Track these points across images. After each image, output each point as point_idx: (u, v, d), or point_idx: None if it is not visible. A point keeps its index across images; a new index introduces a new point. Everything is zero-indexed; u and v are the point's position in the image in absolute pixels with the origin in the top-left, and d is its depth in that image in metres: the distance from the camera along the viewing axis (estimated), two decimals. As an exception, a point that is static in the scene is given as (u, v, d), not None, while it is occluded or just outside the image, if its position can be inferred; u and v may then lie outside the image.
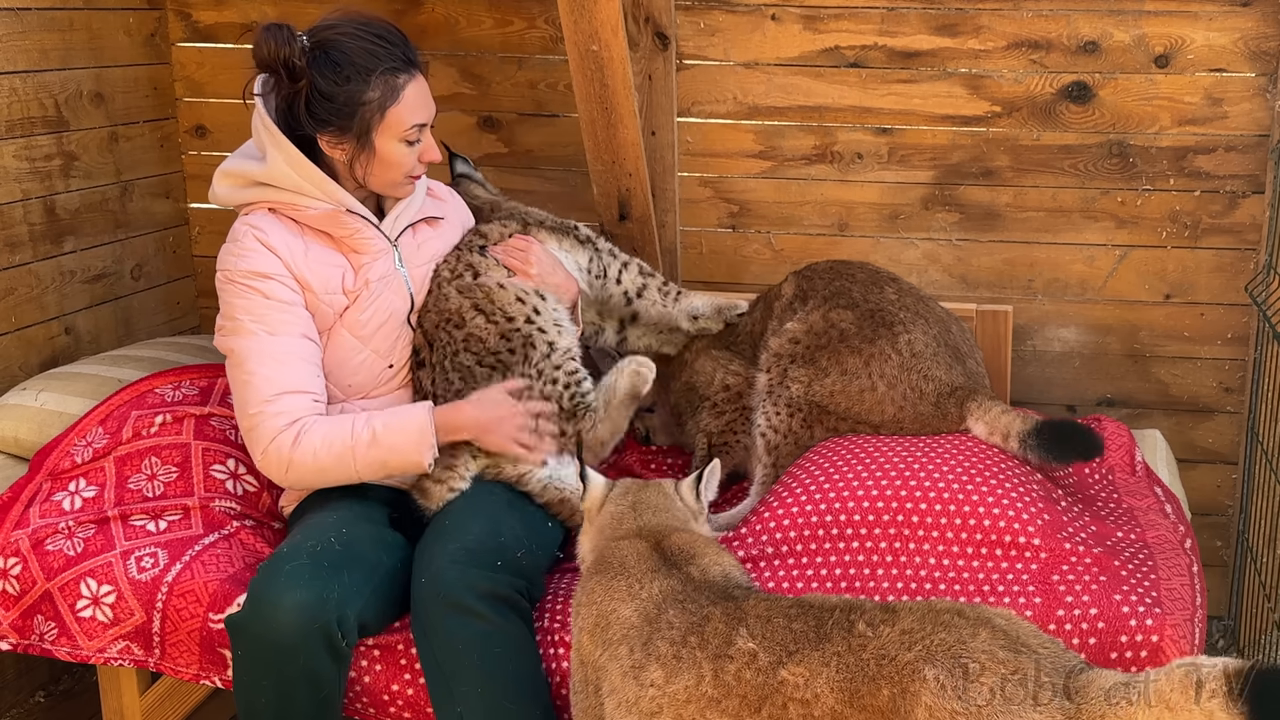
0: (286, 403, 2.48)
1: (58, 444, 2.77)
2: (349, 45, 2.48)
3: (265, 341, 2.50)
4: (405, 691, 2.43)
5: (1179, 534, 2.60)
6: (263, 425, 2.47)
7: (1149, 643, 2.22)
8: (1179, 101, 3.19)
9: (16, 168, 3.12)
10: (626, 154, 3.17)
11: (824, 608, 1.91)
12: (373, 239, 2.60)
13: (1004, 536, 2.42)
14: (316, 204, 2.55)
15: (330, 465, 2.47)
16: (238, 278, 2.52)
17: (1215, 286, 3.27)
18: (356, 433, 2.48)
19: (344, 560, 2.36)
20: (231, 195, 2.60)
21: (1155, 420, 3.35)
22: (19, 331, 3.15)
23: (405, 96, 2.51)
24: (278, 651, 2.27)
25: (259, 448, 2.48)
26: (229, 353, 2.54)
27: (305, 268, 2.55)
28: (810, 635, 1.87)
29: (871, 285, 2.86)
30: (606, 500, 2.28)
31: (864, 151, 3.34)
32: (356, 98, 2.48)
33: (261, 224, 2.55)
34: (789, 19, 3.29)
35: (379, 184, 2.59)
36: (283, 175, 2.53)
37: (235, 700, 2.35)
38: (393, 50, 2.51)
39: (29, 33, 3.14)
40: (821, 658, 1.83)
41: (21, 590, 2.59)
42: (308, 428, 2.47)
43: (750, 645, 1.89)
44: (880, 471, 2.54)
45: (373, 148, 2.52)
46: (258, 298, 2.51)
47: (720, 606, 1.97)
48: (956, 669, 1.75)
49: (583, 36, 2.95)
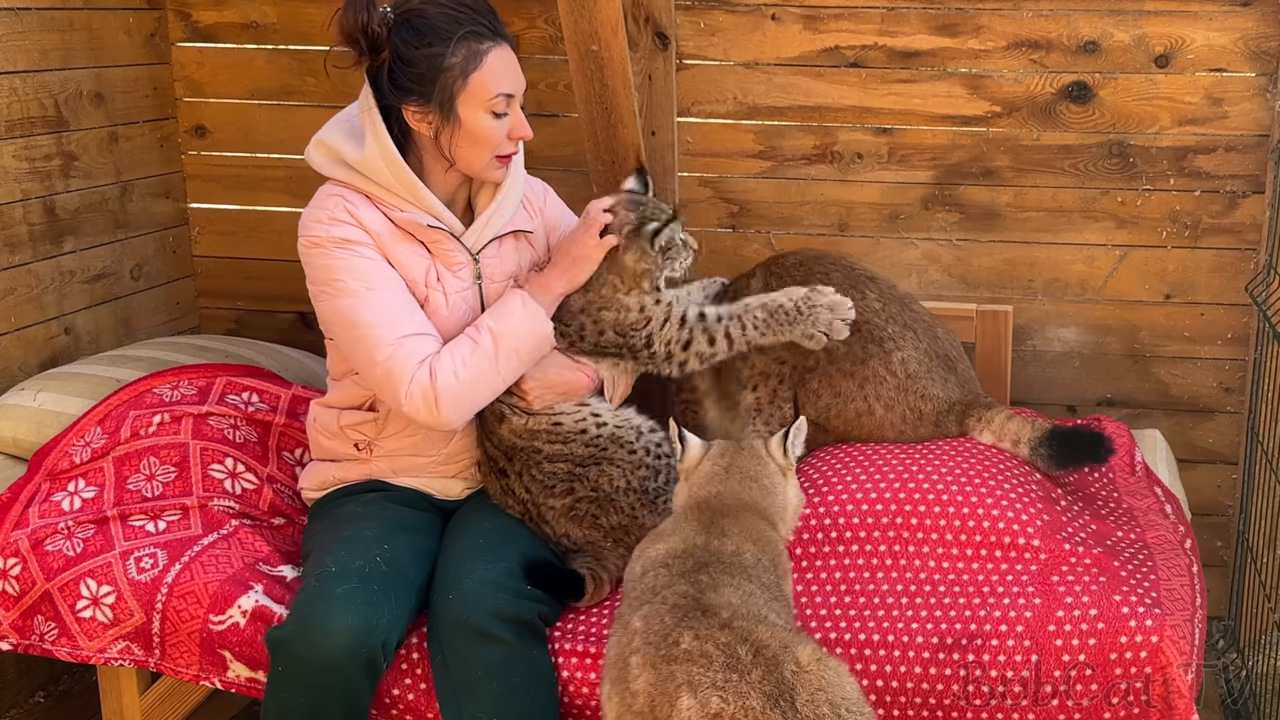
0: (412, 344, 2.44)
1: (56, 444, 2.77)
2: (431, 11, 2.43)
3: (371, 297, 2.45)
4: (405, 697, 2.43)
5: (1179, 534, 2.60)
6: (396, 369, 2.42)
7: (1148, 643, 2.22)
8: (1179, 101, 3.18)
9: (16, 168, 3.12)
10: (627, 154, 3.17)
11: (708, 619, 1.94)
12: (453, 251, 2.55)
13: (1003, 538, 2.42)
14: (406, 208, 2.50)
15: (474, 377, 2.44)
16: (328, 242, 2.47)
17: (1215, 286, 3.27)
18: (478, 338, 2.46)
19: (390, 583, 2.35)
20: (325, 166, 2.54)
21: (1155, 420, 3.35)
22: (18, 331, 3.15)
23: (489, 62, 2.43)
24: (320, 672, 2.26)
25: (400, 390, 2.42)
26: (335, 313, 2.48)
27: (390, 250, 2.50)
28: (657, 637, 1.93)
29: (851, 287, 2.74)
30: (703, 459, 2.30)
31: (864, 151, 3.34)
32: (438, 63, 2.41)
33: (354, 200, 2.50)
34: (789, 19, 3.29)
35: (467, 163, 2.51)
36: (377, 170, 2.48)
37: (264, 711, 2.34)
38: (476, 17, 2.45)
39: (29, 32, 3.14)
40: (649, 660, 1.91)
41: (21, 590, 2.59)
42: (435, 359, 2.44)
43: (636, 624, 1.98)
44: (879, 475, 2.54)
45: (457, 118, 2.45)
46: (353, 258, 2.46)
47: (687, 582, 2.02)
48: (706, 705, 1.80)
49: (583, 36, 2.95)
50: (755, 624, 1.90)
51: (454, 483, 2.69)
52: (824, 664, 1.85)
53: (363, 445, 2.65)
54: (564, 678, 2.38)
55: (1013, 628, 2.29)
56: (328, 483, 2.69)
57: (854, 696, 1.84)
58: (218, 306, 3.80)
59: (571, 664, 2.38)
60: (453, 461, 2.66)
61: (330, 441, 2.68)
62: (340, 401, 2.66)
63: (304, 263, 2.52)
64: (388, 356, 2.43)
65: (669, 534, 2.18)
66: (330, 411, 2.67)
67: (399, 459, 2.64)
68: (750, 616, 1.92)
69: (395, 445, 2.63)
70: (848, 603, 2.40)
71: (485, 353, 2.46)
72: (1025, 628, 2.28)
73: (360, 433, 2.64)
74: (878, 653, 2.31)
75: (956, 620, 2.32)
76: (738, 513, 2.20)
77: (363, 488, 2.64)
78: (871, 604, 2.39)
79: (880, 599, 2.39)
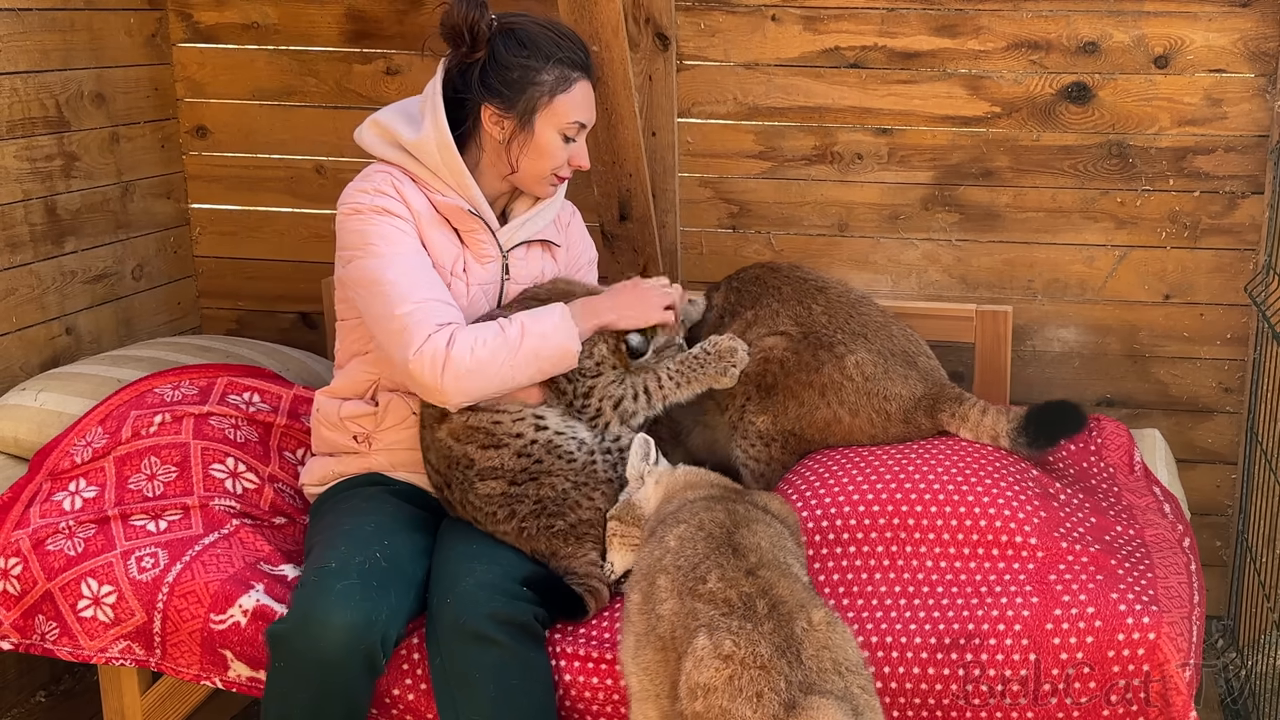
0: (433, 309, 2.45)
1: (57, 444, 2.77)
2: (535, 31, 2.56)
3: (400, 260, 2.48)
4: (405, 697, 2.43)
5: (1177, 533, 2.60)
6: (414, 324, 2.42)
7: (1146, 641, 2.22)
8: (1178, 102, 3.19)
9: (17, 168, 3.12)
10: (627, 154, 3.18)
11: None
12: (486, 243, 2.62)
13: (1000, 536, 2.42)
14: (448, 193, 2.58)
15: (487, 361, 2.43)
16: (367, 209, 2.52)
17: (1215, 287, 3.28)
18: (506, 328, 2.47)
19: (390, 579, 2.36)
20: (375, 146, 2.62)
21: (1155, 420, 3.35)
22: (19, 331, 3.15)
23: (575, 90, 2.57)
24: (320, 668, 2.27)
25: (411, 347, 2.41)
26: (360, 271, 2.49)
27: (426, 233, 2.56)
28: (688, 564, 2.06)
29: (798, 302, 2.78)
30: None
31: (864, 152, 3.34)
32: (531, 75, 2.53)
33: (400, 178, 2.57)
34: (789, 20, 3.30)
35: (526, 173, 2.60)
36: (428, 153, 2.56)
37: (264, 707, 2.34)
38: (574, 48, 2.58)
39: (30, 33, 3.14)
40: (676, 588, 2.04)
41: (22, 590, 2.59)
42: (458, 329, 2.44)
43: (670, 542, 2.14)
44: (875, 475, 2.54)
45: (532, 130, 2.55)
46: (390, 227, 2.51)
47: (724, 509, 2.18)
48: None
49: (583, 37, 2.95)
50: (778, 577, 2.02)
51: None
52: (833, 626, 1.97)
53: (361, 438, 2.67)
54: (565, 681, 2.38)
55: (1010, 627, 2.29)
56: (328, 477, 2.70)
57: (855, 659, 1.96)
58: (219, 307, 3.81)
59: (574, 667, 2.38)
60: None
61: (331, 433, 2.70)
62: (344, 390, 2.68)
63: (339, 232, 2.56)
64: (408, 311, 2.44)
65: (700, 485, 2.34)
66: (333, 401, 2.69)
67: (396, 453, 2.65)
68: (775, 566, 2.05)
69: (393, 438, 2.64)
70: (846, 604, 2.40)
71: (509, 342, 2.46)
72: (1023, 626, 2.28)
73: (359, 425, 2.66)
74: (876, 653, 2.32)
75: (955, 620, 2.32)
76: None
77: (363, 481, 2.65)
78: (870, 604, 2.39)
79: (878, 599, 2.40)
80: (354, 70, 3.55)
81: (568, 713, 2.39)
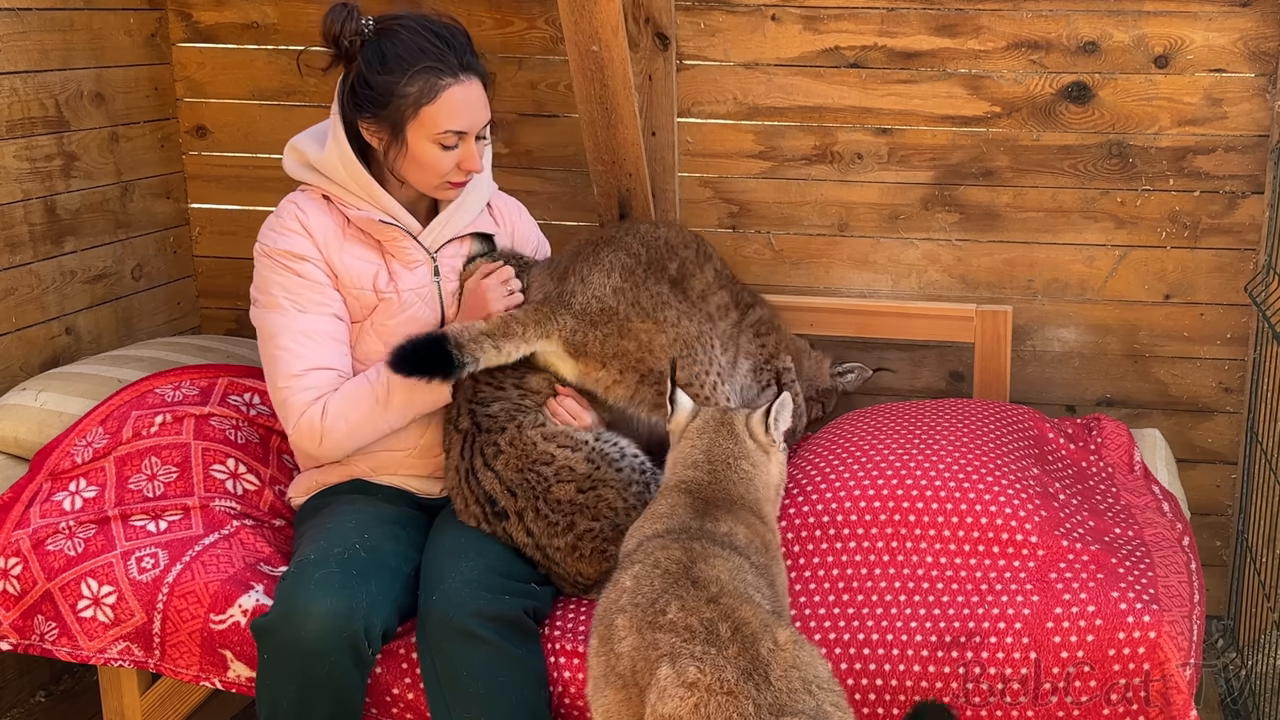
0: (314, 379, 2.54)
1: (58, 444, 2.77)
2: (403, 37, 2.51)
3: (296, 318, 2.55)
4: (406, 695, 2.43)
5: (1176, 532, 2.61)
6: (291, 400, 2.54)
7: (1147, 640, 2.22)
8: (1178, 102, 3.19)
9: (17, 168, 3.12)
10: (627, 154, 3.17)
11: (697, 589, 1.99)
12: (409, 249, 2.63)
13: (1001, 534, 2.42)
14: (362, 206, 2.59)
15: (362, 420, 2.53)
16: (274, 254, 2.57)
17: (1215, 286, 3.27)
18: (375, 382, 2.53)
19: (370, 568, 2.37)
20: (292, 170, 2.66)
21: (1155, 420, 3.35)
22: (19, 331, 3.15)
23: (444, 99, 2.51)
24: (304, 657, 2.28)
25: (290, 422, 2.56)
26: (260, 326, 2.59)
27: (337, 258, 2.59)
28: (645, 600, 1.98)
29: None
30: (688, 427, 2.34)
31: (864, 152, 3.34)
32: (393, 89, 2.50)
33: (306, 205, 2.60)
34: (789, 19, 3.30)
35: (416, 182, 2.60)
36: (333, 168, 2.58)
37: (257, 701, 2.36)
38: (444, 52, 2.51)
39: (30, 33, 3.14)
40: (635, 624, 1.96)
41: (22, 590, 2.59)
42: (330, 398, 2.53)
43: (626, 583, 2.04)
44: (876, 471, 2.55)
45: (405, 142, 2.54)
46: (291, 276, 2.56)
47: (680, 547, 2.07)
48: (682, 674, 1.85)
49: (583, 37, 2.95)
50: (740, 602, 1.94)
51: (433, 483, 2.71)
52: (800, 645, 1.91)
53: None
54: (565, 678, 2.38)
55: (1011, 625, 2.29)
56: (312, 488, 2.71)
57: (825, 676, 1.90)
58: (219, 307, 3.80)
59: (574, 664, 2.38)
60: (429, 456, 2.69)
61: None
62: None
63: (254, 268, 2.61)
64: (285, 386, 2.54)
65: (664, 516, 2.20)
66: None
67: (375, 455, 2.67)
68: (736, 594, 1.97)
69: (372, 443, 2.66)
70: (846, 601, 2.41)
71: (379, 400, 2.54)
72: (1024, 625, 2.28)
73: None
74: (876, 651, 2.32)
75: (955, 618, 2.33)
76: (729, 505, 2.22)
77: (346, 488, 2.66)
78: (870, 602, 2.40)
79: (879, 596, 2.40)
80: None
81: (568, 710, 2.39)
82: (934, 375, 3.43)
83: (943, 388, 3.43)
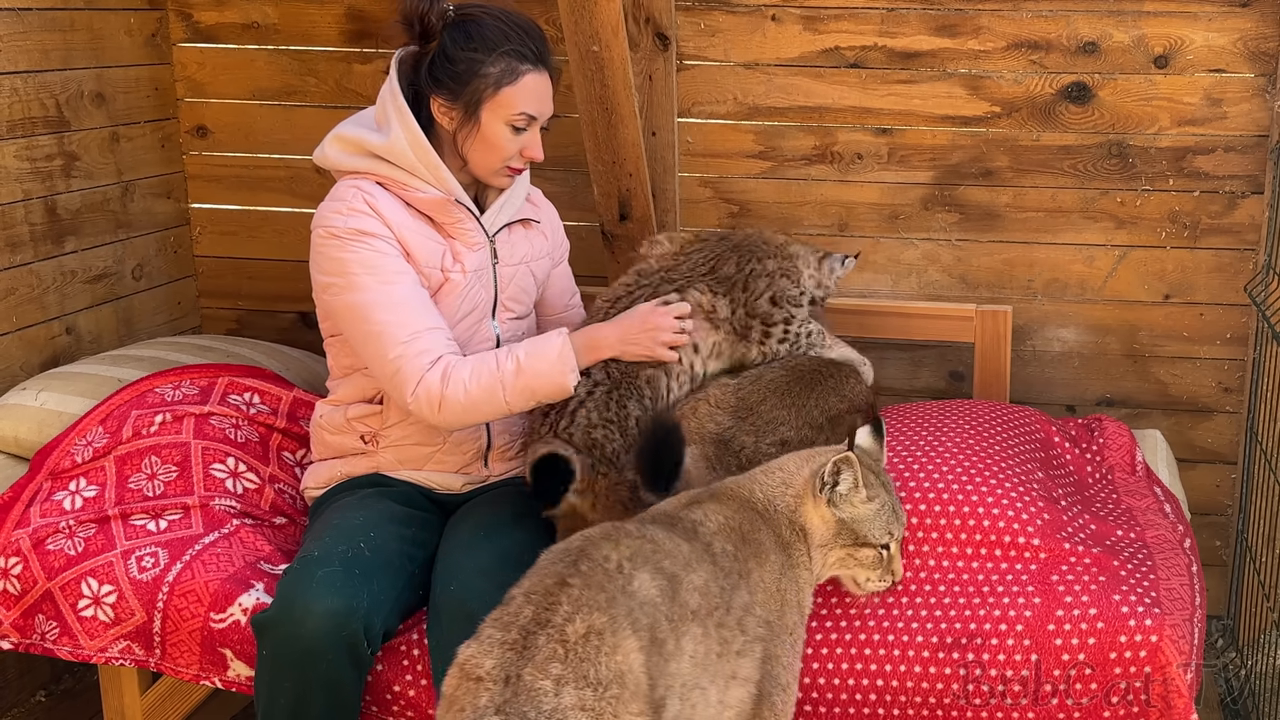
0: (425, 340, 2.49)
1: (58, 443, 2.77)
2: (487, 22, 2.54)
3: (386, 291, 2.50)
4: (407, 693, 2.43)
5: (1178, 533, 2.61)
6: (407, 366, 2.47)
7: (1148, 642, 2.22)
8: (1178, 102, 3.19)
9: (18, 168, 3.12)
10: (627, 154, 3.18)
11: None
12: (473, 230, 2.63)
13: (1003, 537, 2.42)
14: (427, 189, 2.57)
15: (480, 398, 2.48)
16: (344, 234, 2.51)
17: (1214, 287, 3.28)
18: (502, 364, 2.49)
19: (374, 568, 2.37)
20: (340, 160, 2.61)
21: (1155, 420, 3.35)
22: (20, 331, 3.15)
23: (523, 82, 2.54)
24: (303, 655, 2.28)
25: (407, 389, 2.47)
26: (347, 309, 2.52)
27: (408, 238, 2.56)
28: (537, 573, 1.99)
29: None
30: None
31: (864, 152, 3.35)
32: (476, 68, 2.52)
33: (369, 189, 2.56)
34: (789, 19, 3.30)
35: (478, 164, 2.60)
36: (401, 153, 2.55)
37: (255, 696, 2.36)
38: (526, 40, 2.56)
39: (30, 33, 3.14)
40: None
41: (23, 590, 2.59)
42: (454, 365, 2.48)
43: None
44: (879, 471, 2.54)
45: (478, 121, 2.54)
46: (370, 252, 2.51)
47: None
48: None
49: (583, 37, 2.95)
50: (588, 591, 1.90)
51: (455, 478, 2.70)
52: (595, 638, 1.85)
53: (369, 437, 2.67)
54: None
55: (1012, 627, 2.29)
56: (334, 478, 2.70)
57: (606, 677, 1.82)
58: (219, 306, 3.80)
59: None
60: (458, 451, 2.68)
61: (336, 437, 2.70)
62: (347, 398, 2.69)
63: (316, 255, 2.55)
64: (398, 355, 2.47)
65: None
66: (337, 409, 2.70)
67: (404, 448, 2.66)
68: (594, 584, 1.92)
69: (401, 433, 2.65)
70: (847, 602, 2.41)
71: (504, 379, 2.48)
72: (1025, 627, 2.29)
73: (367, 424, 2.67)
74: (878, 652, 2.32)
75: (956, 620, 2.33)
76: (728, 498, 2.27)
77: (363, 482, 2.66)
78: (871, 602, 2.40)
79: (880, 598, 2.40)
80: (354, 70, 3.55)
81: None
82: (934, 375, 3.43)
83: (942, 388, 3.43)
